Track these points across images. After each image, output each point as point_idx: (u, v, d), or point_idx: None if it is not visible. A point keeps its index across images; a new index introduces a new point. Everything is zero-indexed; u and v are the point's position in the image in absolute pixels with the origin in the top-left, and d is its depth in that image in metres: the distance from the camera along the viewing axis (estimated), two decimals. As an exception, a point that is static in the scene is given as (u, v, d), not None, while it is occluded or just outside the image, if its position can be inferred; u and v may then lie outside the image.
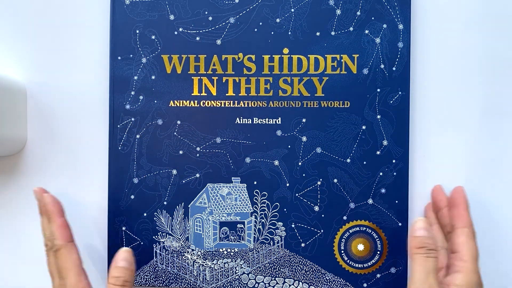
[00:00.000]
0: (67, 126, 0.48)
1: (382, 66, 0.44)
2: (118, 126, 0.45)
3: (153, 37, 0.45)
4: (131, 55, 0.45)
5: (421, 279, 0.36)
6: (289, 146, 0.45)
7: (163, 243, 0.45)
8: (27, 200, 0.48)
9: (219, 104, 0.45)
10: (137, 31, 0.45)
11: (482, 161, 0.46)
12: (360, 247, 0.44)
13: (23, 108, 0.47)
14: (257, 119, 0.45)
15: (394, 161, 0.44)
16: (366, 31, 0.44)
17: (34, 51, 0.48)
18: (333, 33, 0.44)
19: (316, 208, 0.45)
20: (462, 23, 0.45)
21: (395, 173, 0.44)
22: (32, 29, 0.48)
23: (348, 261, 0.45)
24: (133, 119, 0.45)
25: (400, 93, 0.44)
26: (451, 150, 0.46)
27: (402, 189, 0.44)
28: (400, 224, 0.44)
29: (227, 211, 0.45)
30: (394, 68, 0.44)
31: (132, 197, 0.45)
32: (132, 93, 0.45)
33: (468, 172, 0.46)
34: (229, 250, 0.45)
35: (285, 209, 0.45)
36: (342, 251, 0.45)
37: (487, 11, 0.45)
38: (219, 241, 0.45)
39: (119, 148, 0.45)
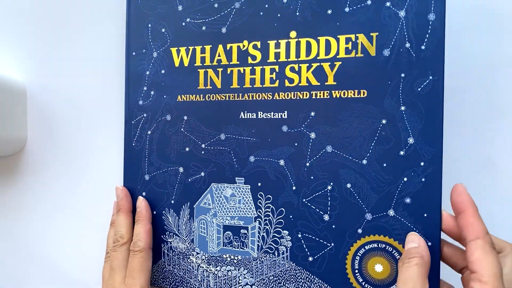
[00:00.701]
0: (66, 126, 0.49)
1: (408, 45, 0.35)
2: (132, 122, 0.45)
3: (163, 30, 0.44)
4: (143, 50, 0.45)
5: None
6: (295, 144, 0.39)
7: (171, 243, 0.44)
8: (27, 200, 0.50)
9: (224, 98, 0.41)
10: (149, 25, 0.44)
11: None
12: (378, 267, 0.36)
13: (23, 108, 0.50)
14: (261, 113, 0.40)
15: (422, 163, 0.35)
16: (388, 3, 0.36)
17: (33, 51, 0.50)
18: (347, 9, 0.37)
19: (326, 217, 0.38)
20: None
21: (423, 179, 0.35)
22: (36, 29, 0.50)
23: (364, 283, 0.37)
24: (145, 115, 0.44)
25: (430, 77, 0.35)
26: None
27: (432, 199, 0.35)
28: (429, 243, 0.35)
29: (231, 214, 0.41)
30: (423, 47, 0.35)
31: (144, 194, 0.45)
32: (145, 88, 0.44)
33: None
34: (232, 257, 0.41)
35: (291, 216, 0.39)
36: (356, 271, 0.37)
37: None
38: (223, 246, 0.42)
39: (133, 144, 0.45)
